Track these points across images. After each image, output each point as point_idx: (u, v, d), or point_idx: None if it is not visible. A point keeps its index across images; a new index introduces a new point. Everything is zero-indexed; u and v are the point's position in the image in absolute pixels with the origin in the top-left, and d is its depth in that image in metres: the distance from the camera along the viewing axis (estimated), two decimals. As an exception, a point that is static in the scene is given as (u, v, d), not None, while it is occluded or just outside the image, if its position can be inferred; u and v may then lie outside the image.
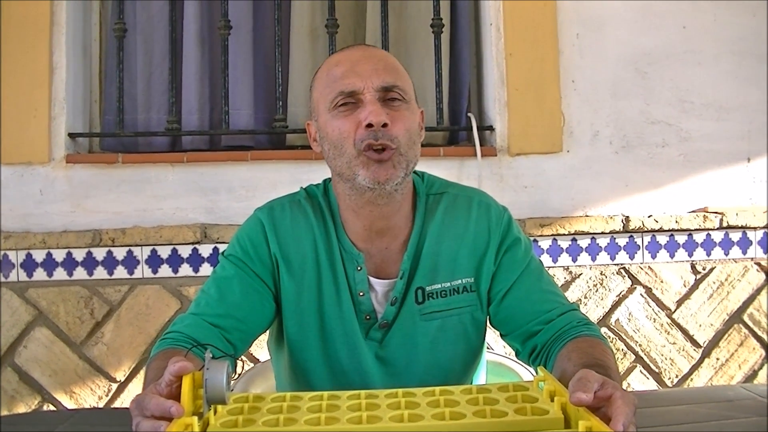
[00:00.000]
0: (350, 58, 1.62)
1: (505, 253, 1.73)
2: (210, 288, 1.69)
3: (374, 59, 1.61)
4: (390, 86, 1.58)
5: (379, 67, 1.59)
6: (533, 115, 3.30)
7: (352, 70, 1.58)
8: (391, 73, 1.60)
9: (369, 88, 1.56)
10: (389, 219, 1.67)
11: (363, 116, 1.55)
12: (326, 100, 1.61)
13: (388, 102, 1.58)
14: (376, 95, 1.56)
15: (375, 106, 1.54)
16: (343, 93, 1.57)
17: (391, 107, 1.58)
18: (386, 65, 1.61)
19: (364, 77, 1.57)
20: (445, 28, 3.40)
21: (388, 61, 1.64)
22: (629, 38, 3.39)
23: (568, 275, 3.26)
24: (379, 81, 1.57)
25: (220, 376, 1.14)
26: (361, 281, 1.68)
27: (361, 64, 1.59)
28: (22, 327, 3.10)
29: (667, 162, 3.38)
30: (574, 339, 1.55)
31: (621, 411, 1.10)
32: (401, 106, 1.59)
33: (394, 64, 1.64)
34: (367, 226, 1.68)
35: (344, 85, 1.57)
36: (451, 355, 1.74)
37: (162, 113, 3.38)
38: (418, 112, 1.68)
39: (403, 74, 1.65)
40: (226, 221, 3.20)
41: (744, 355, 3.33)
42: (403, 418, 1.17)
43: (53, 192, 3.18)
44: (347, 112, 1.58)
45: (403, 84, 1.62)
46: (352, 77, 1.57)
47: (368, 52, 1.66)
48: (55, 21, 3.19)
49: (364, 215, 1.67)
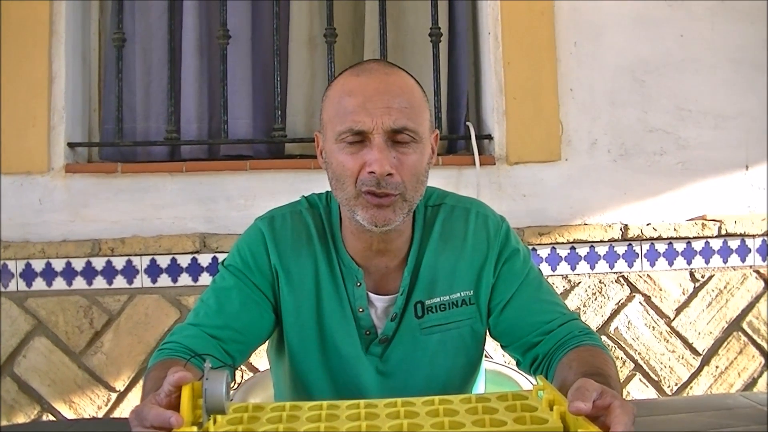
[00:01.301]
0: (365, 90, 1.54)
1: (504, 264, 1.73)
2: (209, 298, 1.68)
3: (389, 95, 1.53)
4: (400, 128, 1.52)
5: (393, 106, 1.52)
6: (531, 123, 3.30)
7: (364, 107, 1.51)
8: (403, 112, 1.53)
9: (378, 129, 1.50)
10: (389, 243, 1.67)
11: (368, 160, 1.51)
12: (334, 130, 1.56)
13: (398, 143, 1.54)
14: (384, 136, 1.51)
15: (381, 154, 1.50)
16: (351, 130, 1.52)
17: (400, 149, 1.53)
18: (400, 102, 1.53)
19: (374, 116, 1.50)
20: (443, 37, 3.41)
21: (403, 95, 1.55)
22: (627, 46, 3.39)
23: (566, 284, 3.26)
24: (389, 122, 1.51)
25: (220, 386, 1.14)
26: (360, 297, 1.68)
27: (373, 100, 1.52)
28: (21, 337, 3.10)
29: (665, 170, 3.38)
30: (575, 348, 1.55)
31: (619, 420, 1.10)
32: (410, 146, 1.54)
33: (410, 100, 1.56)
34: (366, 247, 1.67)
35: (353, 123, 1.51)
36: (451, 367, 1.74)
37: (161, 122, 3.39)
38: (429, 144, 1.62)
39: (418, 108, 1.58)
40: (225, 230, 3.20)
41: (743, 363, 3.33)
42: (402, 428, 1.17)
43: (52, 201, 3.18)
44: (353, 148, 1.53)
45: (416, 123, 1.55)
46: (362, 115, 1.51)
47: (384, 83, 1.55)
48: (54, 30, 3.20)
49: (363, 239, 1.66)
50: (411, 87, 1.59)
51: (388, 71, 1.59)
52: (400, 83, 1.57)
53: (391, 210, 1.54)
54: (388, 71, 1.59)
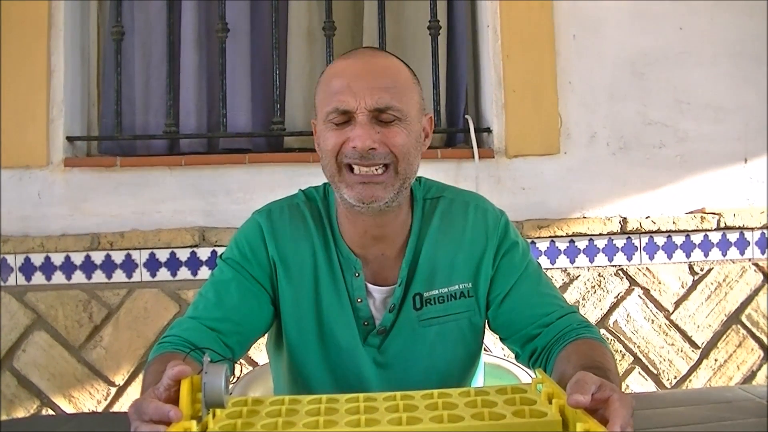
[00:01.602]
0: (349, 71, 1.58)
1: (503, 257, 1.73)
2: (208, 291, 1.68)
3: (373, 75, 1.56)
4: (384, 107, 1.54)
5: (376, 85, 1.54)
6: (530, 116, 3.30)
7: (348, 86, 1.55)
8: (388, 91, 1.55)
9: (362, 108, 1.53)
10: (385, 227, 1.67)
11: (351, 136, 1.54)
12: (322, 111, 1.59)
13: (382, 122, 1.56)
14: (368, 116, 1.54)
15: (363, 130, 1.53)
16: (337, 110, 1.55)
17: (387, 127, 1.55)
18: (384, 82, 1.56)
19: (358, 96, 1.53)
20: (442, 31, 3.41)
21: (387, 75, 1.58)
22: (626, 39, 3.39)
23: (566, 277, 3.26)
24: (372, 101, 1.53)
25: (219, 380, 1.14)
26: (359, 288, 1.68)
27: (358, 81, 1.55)
28: (20, 331, 3.10)
29: (665, 163, 3.38)
30: (574, 341, 1.56)
31: (618, 413, 1.10)
32: (395, 125, 1.56)
33: (394, 79, 1.58)
34: (362, 233, 1.68)
35: (339, 102, 1.55)
36: (449, 360, 1.74)
37: (160, 116, 3.38)
38: (418, 125, 1.63)
39: (404, 88, 1.60)
40: (225, 224, 3.20)
41: (742, 356, 3.33)
42: (401, 421, 1.17)
43: (52, 195, 3.18)
44: (339, 126, 1.56)
45: (401, 101, 1.57)
46: (347, 95, 1.54)
47: (369, 64, 1.60)
48: (53, 24, 3.19)
49: (358, 223, 1.67)
50: (397, 68, 1.62)
51: (375, 54, 1.65)
52: (386, 64, 1.61)
53: (381, 187, 1.56)
54: (375, 54, 1.65)
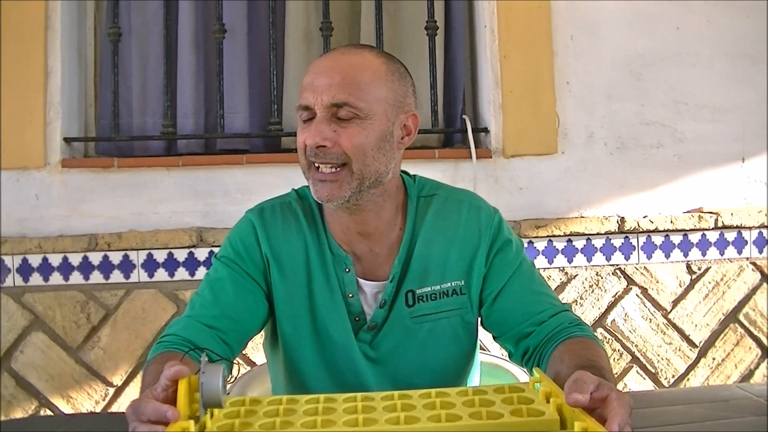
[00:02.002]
0: (317, 68, 1.61)
1: (496, 255, 1.73)
2: (204, 290, 1.69)
3: (335, 71, 1.58)
4: (340, 103, 1.55)
5: (335, 82, 1.55)
6: (528, 117, 3.30)
7: (312, 83, 1.58)
8: (346, 88, 1.55)
9: (319, 104, 1.56)
10: (366, 224, 1.68)
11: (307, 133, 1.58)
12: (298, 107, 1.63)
13: (340, 118, 1.56)
14: (326, 113, 1.56)
15: (315, 127, 1.56)
16: (301, 106, 1.59)
17: (342, 123, 1.56)
18: (345, 78, 1.56)
19: (317, 93, 1.56)
20: (440, 31, 3.41)
21: (350, 72, 1.58)
22: (623, 40, 3.39)
23: (563, 276, 3.26)
24: (329, 98, 1.55)
25: (216, 380, 1.14)
26: (350, 283, 1.69)
27: (320, 78, 1.57)
28: (18, 332, 3.10)
29: (662, 163, 3.38)
30: (567, 340, 1.56)
31: (616, 412, 1.10)
32: (352, 122, 1.56)
33: (357, 76, 1.58)
34: (345, 229, 1.70)
35: (303, 99, 1.59)
36: (442, 357, 1.74)
37: (157, 117, 3.38)
38: (385, 122, 1.61)
39: (367, 85, 1.58)
40: (222, 225, 3.20)
41: (740, 354, 3.34)
42: (399, 421, 1.17)
43: (49, 197, 3.18)
44: (305, 124, 1.60)
45: (360, 98, 1.56)
46: (309, 91, 1.57)
47: (336, 60, 1.61)
48: (49, 25, 3.19)
49: (340, 220, 1.69)
50: (365, 64, 1.61)
51: (347, 51, 1.65)
52: (353, 61, 1.61)
53: (337, 185, 1.58)
54: (347, 51, 1.65)
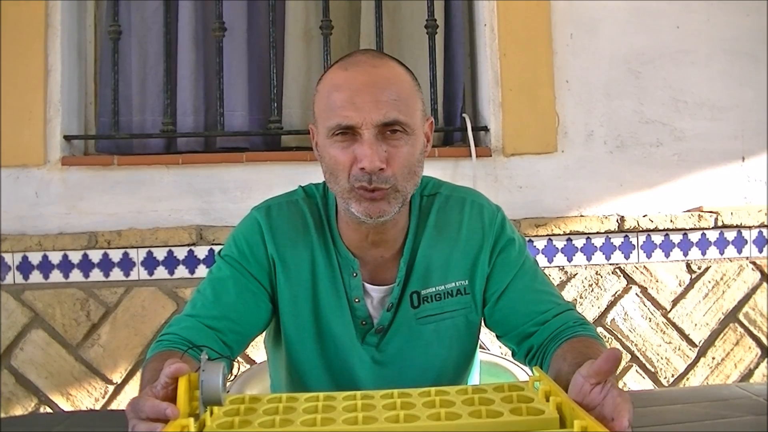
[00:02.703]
0: (352, 84, 1.52)
1: (499, 254, 1.72)
2: (206, 289, 1.68)
3: (376, 88, 1.51)
4: (390, 122, 1.50)
5: (381, 99, 1.50)
6: (527, 115, 3.30)
7: (352, 101, 1.50)
8: (393, 104, 1.50)
9: (368, 124, 1.48)
10: (385, 233, 1.66)
11: (359, 156, 1.50)
12: (324, 126, 1.55)
13: (388, 136, 1.52)
14: (374, 131, 1.49)
15: (372, 149, 1.48)
16: (340, 126, 1.50)
17: (391, 142, 1.52)
18: (389, 95, 1.51)
19: (363, 111, 1.49)
20: (440, 29, 3.40)
21: (391, 87, 1.52)
22: (623, 38, 3.39)
23: (563, 275, 3.26)
24: (378, 116, 1.49)
25: (216, 378, 1.14)
26: (356, 287, 1.68)
27: (361, 95, 1.50)
28: (18, 329, 3.10)
29: (662, 161, 3.38)
30: (570, 339, 1.55)
31: (623, 407, 1.10)
32: (402, 138, 1.53)
33: (399, 91, 1.53)
34: (363, 238, 1.67)
35: (342, 118, 1.50)
36: (445, 357, 1.74)
37: (157, 115, 3.38)
38: (421, 134, 1.60)
39: (408, 99, 1.55)
40: (222, 223, 3.20)
41: (740, 354, 3.34)
42: (398, 419, 1.17)
43: (49, 194, 3.18)
44: (344, 143, 1.52)
45: (406, 114, 1.53)
46: (351, 110, 1.49)
47: (372, 75, 1.53)
48: (49, 23, 3.19)
49: (359, 230, 1.65)
50: (400, 77, 1.57)
51: (376, 63, 1.57)
52: (388, 74, 1.55)
53: (386, 202, 1.53)
54: (376, 63, 1.57)
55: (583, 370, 1.20)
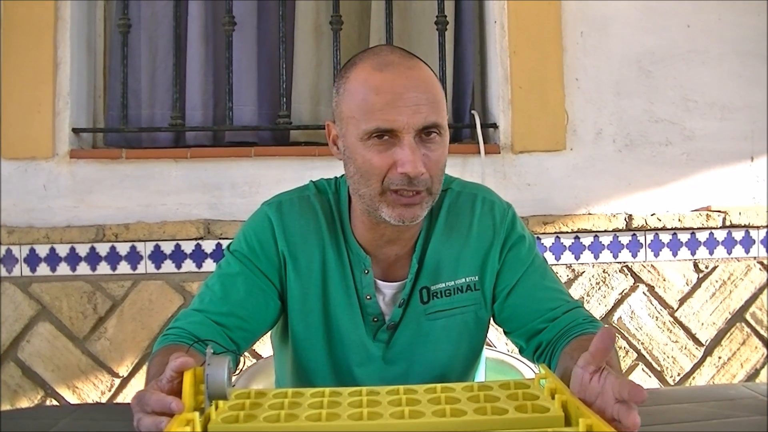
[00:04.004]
0: (393, 87, 1.49)
1: (510, 250, 1.72)
2: (214, 284, 1.67)
3: (416, 91, 1.49)
4: (431, 125, 1.49)
5: (422, 102, 1.48)
6: (537, 113, 3.30)
7: (394, 104, 1.47)
8: (432, 107, 1.50)
9: (410, 128, 1.47)
10: (403, 232, 1.65)
11: (400, 160, 1.48)
12: (359, 127, 1.51)
13: (425, 139, 1.51)
14: (414, 135, 1.48)
15: (414, 155, 1.47)
16: (380, 129, 1.48)
17: (428, 146, 1.51)
18: (428, 98, 1.50)
19: (405, 115, 1.47)
20: (450, 26, 3.40)
21: (428, 90, 1.52)
22: (633, 37, 3.38)
23: (570, 273, 3.26)
24: (421, 120, 1.48)
25: (221, 372, 1.14)
26: (367, 285, 1.67)
27: (403, 98, 1.48)
28: (25, 322, 3.11)
29: (671, 161, 3.38)
30: (578, 337, 1.55)
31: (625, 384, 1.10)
32: (437, 141, 1.52)
33: (435, 94, 1.53)
34: (379, 237, 1.66)
35: (383, 122, 1.47)
36: (453, 354, 1.74)
37: (166, 109, 3.38)
38: (448, 137, 1.58)
39: (441, 101, 1.55)
40: (230, 217, 3.20)
41: (746, 354, 3.33)
42: (404, 415, 1.17)
43: (57, 187, 3.18)
44: (382, 147, 1.50)
45: (441, 117, 1.52)
46: (393, 113, 1.47)
47: (411, 80, 1.50)
48: (59, 16, 3.19)
49: (377, 230, 1.64)
50: (432, 79, 1.56)
51: (411, 65, 1.54)
52: (424, 77, 1.53)
53: (419, 207, 1.53)
54: (411, 65, 1.54)
55: (581, 361, 1.21)
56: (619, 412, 1.11)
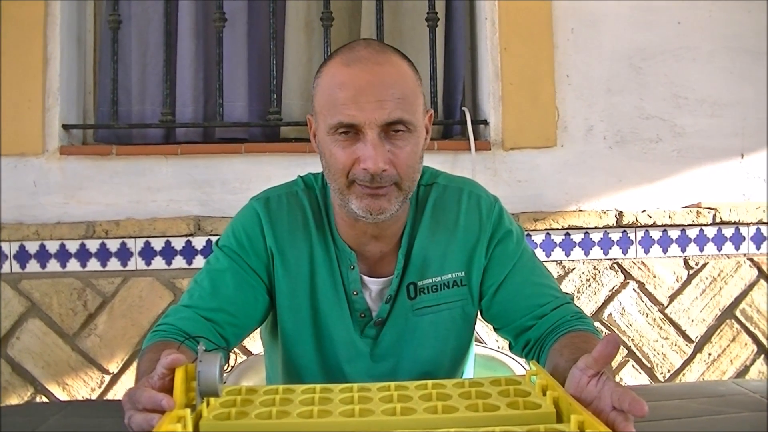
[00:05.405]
0: (356, 82, 1.49)
1: (497, 246, 1.72)
2: (203, 280, 1.66)
3: (381, 86, 1.48)
4: (394, 121, 1.48)
5: (385, 98, 1.48)
6: (527, 109, 3.30)
7: (355, 100, 1.47)
8: (397, 103, 1.48)
9: (371, 123, 1.47)
10: (385, 229, 1.65)
11: (362, 156, 1.49)
12: (325, 122, 1.53)
13: (391, 135, 1.50)
14: (377, 131, 1.48)
15: (375, 150, 1.47)
16: (342, 124, 1.49)
17: (394, 141, 1.50)
18: (393, 93, 1.49)
19: (366, 111, 1.47)
20: (440, 23, 3.40)
21: (396, 85, 1.50)
22: (624, 33, 3.38)
23: (561, 270, 3.26)
24: (383, 116, 1.47)
25: (213, 369, 1.14)
26: (354, 280, 1.67)
27: (365, 94, 1.47)
28: (15, 318, 3.10)
29: (661, 157, 3.38)
30: (567, 334, 1.55)
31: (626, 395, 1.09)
32: (405, 138, 1.51)
33: (403, 89, 1.51)
34: (361, 234, 1.66)
35: (345, 117, 1.48)
36: (441, 350, 1.73)
37: (156, 105, 3.38)
38: (423, 130, 1.59)
39: (412, 96, 1.54)
40: (220, 214, 3.20)
41: (736, 350, 3.34)
42: (395, 412, 1.17)
43: (47, 183, 3.17)
44: (346, 142, 1.50)
45: (410, 113, 1.51)
46: (354, 109, 1.47)
47: (376, 75, 1.50)
48: (49, 12, 3.18)
49: (356, 226, 1.64)
50: (403, 74, 1.55)
51: (380, 59, 1.54)
52: (392, 72, 1.53)
53: (386, 199, 1.52)
54: (380, 59, 1.54)
55: (580, 363, 1.20)
56: (615, 421, 1.11)
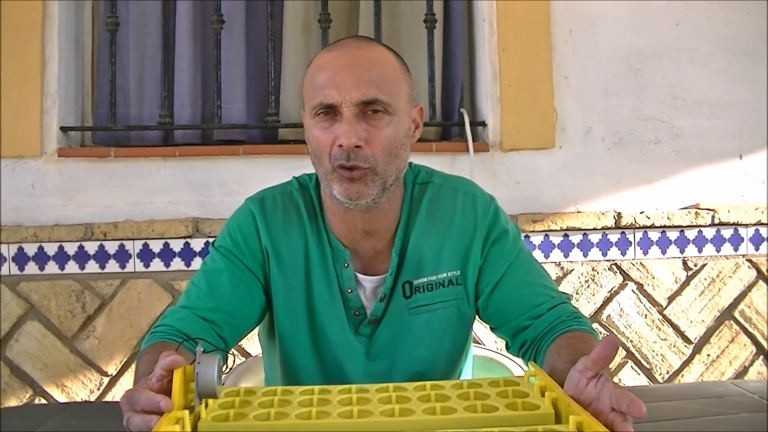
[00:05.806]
0: (335, 64, 1.54)
1: (492, 245, 1.71)
2: (200, 281, 1.67)
3: (359, 68, 1.52)
4: (370, 100, 1.51)
5: (362, 78, 1.51)
6: (526, 111, 3.30)
7: (333, 80, 1.51)
8: (375, 84, 1.51)
9: (347, 102, 1.50)
10: (374, 223, 1.65)
11: (338, 134, 1.51)
12: (309, 106, 1.57)
13: (369, 115, 1.52)
14: (354, 110, 1.50)
15: (349, 126, 1.49)
16: (322, 104, 1.52)
17: (371, 122, 1.52)
18: (371, 74, 1.52)
19: (343, 90, 1.50)
20: (438, 24, 3.40)
21: (374, 67, 1.54)
22: (622, 35, 3.39)
23: (559, 271, 3.26)
24: (358, 95, 1.50)
25: (212, 370, 1.14)
26: (348, 278, 1.67)
27: (343, 74, 1.51)
28: (13, 320, 3.10)
29: (659, 159, 3.38)
30: (564, 334, 1.55)
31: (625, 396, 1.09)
32: (382, 119, 1.53)
33: (381, 71, 1.54)
34: (352, 228, 1.66)
35: (324, 96, 1.52)
36: (437, 349, 1.73)
37: (154, 107, 3.38)
38: (407, 118, 1.61)
39: (391, 80, 1.56)
40: (218, 215, 3.20)
41: (735, 351, 3.34)
42: (393, 413, 1.17)
43: (45, 186, 3.17)
44: (326, 123, 1.53)
45: (388, 94, 1.53)
46: (331, 89, 1.51)
47: (355, 57, 1.55)
48: (47, 15, 3.18)
49: (347, 220, 1.65)
50: (383, 59, 1.58)
51: (361, 45, 1.59)
52: (372, 56, 1.56)
53: (363, 183, 1.53)
54: (361, 45, 1.59)
55: (579, 365, 1.20)
56: (614, 422, 1.10)
